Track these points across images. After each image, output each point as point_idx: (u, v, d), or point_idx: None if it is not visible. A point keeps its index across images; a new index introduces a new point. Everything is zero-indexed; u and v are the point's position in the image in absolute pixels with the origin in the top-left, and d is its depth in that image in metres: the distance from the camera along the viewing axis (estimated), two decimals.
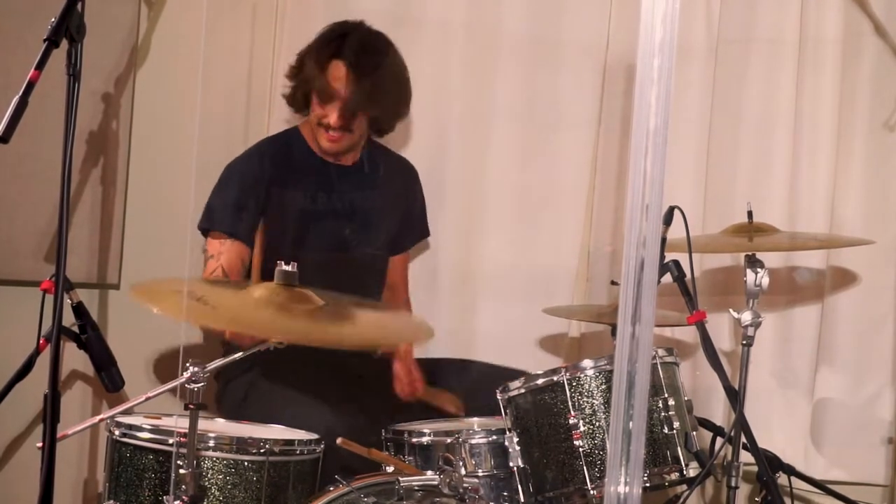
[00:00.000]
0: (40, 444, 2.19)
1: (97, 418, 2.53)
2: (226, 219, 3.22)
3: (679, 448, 2.69)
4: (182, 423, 2.32)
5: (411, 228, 3.57)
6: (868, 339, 3.61)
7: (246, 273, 3.23)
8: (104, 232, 3.35)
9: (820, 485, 3.35)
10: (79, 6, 2.20)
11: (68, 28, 2.18)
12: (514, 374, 3.17)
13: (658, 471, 2.69)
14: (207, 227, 3.25)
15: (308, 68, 3.26)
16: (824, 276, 3.63)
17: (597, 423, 2.65)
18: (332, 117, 3.22)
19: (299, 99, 3.32)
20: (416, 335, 3.06)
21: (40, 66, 2.17)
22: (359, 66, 3.20)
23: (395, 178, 3.48)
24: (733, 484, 2.91)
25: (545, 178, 3.73)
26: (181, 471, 2.33)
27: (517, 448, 2.71)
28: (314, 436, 2.67)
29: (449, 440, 2.76)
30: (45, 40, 2.17)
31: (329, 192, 3.32)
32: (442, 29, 3.66)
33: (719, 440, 3.16)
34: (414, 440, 2.81)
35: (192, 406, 2.30)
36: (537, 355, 3.67)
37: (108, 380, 2.82)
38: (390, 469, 2.55)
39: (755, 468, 2.90)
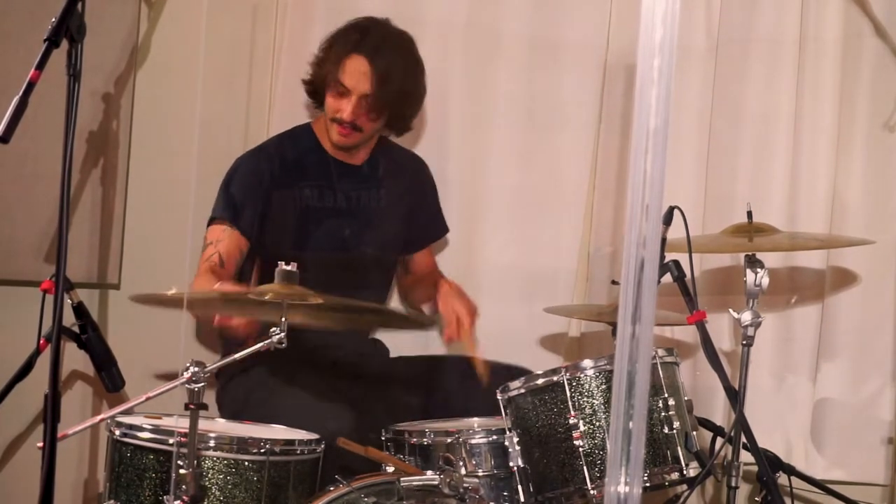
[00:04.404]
0: (40, 444, 2.19)
1: (97, 418, 2.53)
2: (229, 208, 3.22)
3: (679, 448, 2.69)
4: (182, 423, 2.32)
5: (425, 224, 3.54)
6: (868, 339, 3.61)
7: (241, 264, 3.22)
8: (104, 232, 3.35)
9: (820, 485, 3.35)
10: (79, 6, 2.20)
11: (68, 28, 2.18)
12: (515, 370, 3.18)
13: (658, 471, 2.69)
14: (211, 216, 3.24)
15: (327, 61, 3.23)
16: (824, 276, 3.62)
17: (597, 423, 2.65)
18: (346, 111, 3.18)
19: (317, 91, 3.28)
20: None
21: (40, 66, 2.17)
22: (378, 62, 3.16)
23: (404, 174, 3.46)
24: (733, 484, 2.91)
25: (545, 178, 3.73)
26: (181, 471, 2.33)
27: (517, 448, 2.70)
28: (314, 436, 2.67)
29: (449, 440, 2.76)
30: (45, 40, 2.17)
31: (336, 190, 3.31)
32: (442, 29, 3.66)
33: (719, 440, 3.16)
34: (414, 440, 2.81)
35: (192, 406, 2.30)
36: (537, 355, 3.66)
37: (109, 380, 2.82)
38: (390, 469, 2.55)
39: (755, 468, 2.91)
